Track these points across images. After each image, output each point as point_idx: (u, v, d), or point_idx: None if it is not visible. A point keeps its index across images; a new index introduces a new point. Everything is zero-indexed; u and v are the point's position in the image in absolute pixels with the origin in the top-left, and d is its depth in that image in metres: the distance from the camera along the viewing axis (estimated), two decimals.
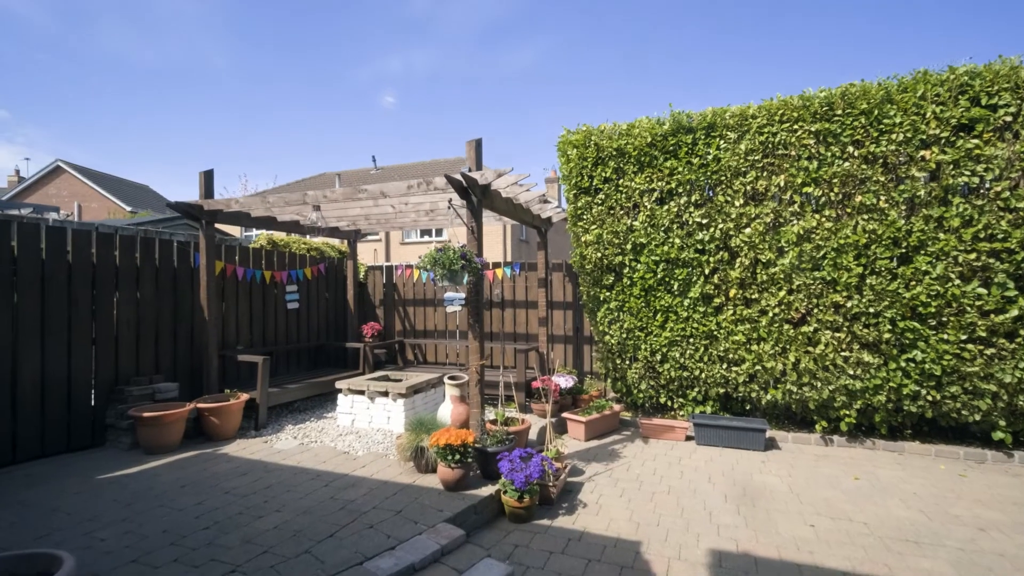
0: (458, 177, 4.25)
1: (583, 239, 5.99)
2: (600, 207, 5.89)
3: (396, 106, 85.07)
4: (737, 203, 5.29)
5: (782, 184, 5.11)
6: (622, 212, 5.81)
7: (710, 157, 5.39)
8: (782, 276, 5.15)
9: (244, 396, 5.53)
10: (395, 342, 8.01)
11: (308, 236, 8.92)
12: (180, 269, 5.85)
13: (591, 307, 6.21)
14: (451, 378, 4.58)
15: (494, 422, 4.73)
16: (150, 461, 4.55)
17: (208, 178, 5.71)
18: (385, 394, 5.53)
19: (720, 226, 5.38)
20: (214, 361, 5.77)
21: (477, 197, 4.39)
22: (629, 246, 5.74)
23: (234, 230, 21.33)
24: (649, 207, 5.66)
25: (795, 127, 5.04)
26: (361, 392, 5.65)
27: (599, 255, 5.89)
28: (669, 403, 5.99)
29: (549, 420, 4.53)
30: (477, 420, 4.38)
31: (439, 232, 21.16)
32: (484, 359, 4.53)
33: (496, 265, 7.68)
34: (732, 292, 5.38)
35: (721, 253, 5.42)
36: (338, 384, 5.75)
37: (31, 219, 5.73)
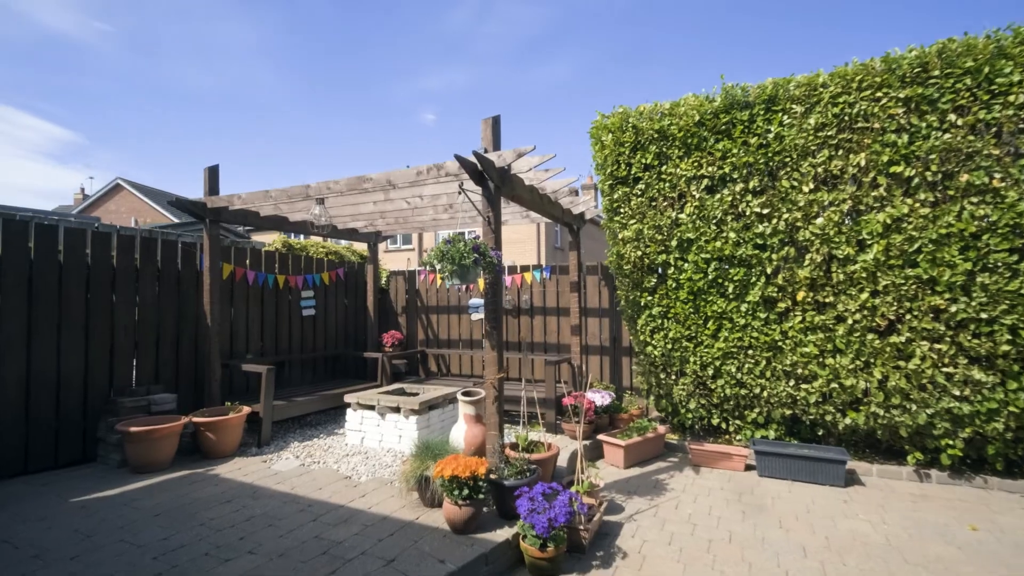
0: (471, 158, 3.64)
1: (620, 236, 5.26)
2: (640, 199, 5.15)
3: (436, 123, 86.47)
4: (805, 188, 4.45)
5: (863, 164, 4.24)
6: (665, 204, 5.06)
7: (771, 136, 4.58)
8: (864, 275, 4.26)
9: (246, 409, 5.06)
10: (417, 352, 7.45)
11: (327, 239, 8.52)
12: (185, 272, 5.48)
13: (630, 314, 5.45)
14: (465, 394, 3.94)
15: (515, 446, 4.04)
16: (134, 481, 4.10)
17: (213, 174, 5.34)
18: (397, 410, 4.93)
19: (785, 216, 4.54)
20: (217, 371, 5.34)
21: (494, 182, 3.76)
22: (674, 242, 4.97)
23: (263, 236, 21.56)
24: (698, 197, 4.88)
25: (878, 95, 4.18)
26: (371, 407, 5.08)
27: (639, 254, 5.14)
28: (723, 425, 5.13)
29: (581, 444, 3.81)
30: (495, 444, 3.71)
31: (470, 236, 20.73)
32: (503, 372, 3.87)
33: (525, 268, 7.04)
34: (800, 295, 4.52)
35: (786, 249, 4.57)
36: (347, 398, 5.20)
37: (23, 215, 5.52)
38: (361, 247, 8.76)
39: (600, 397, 5.14)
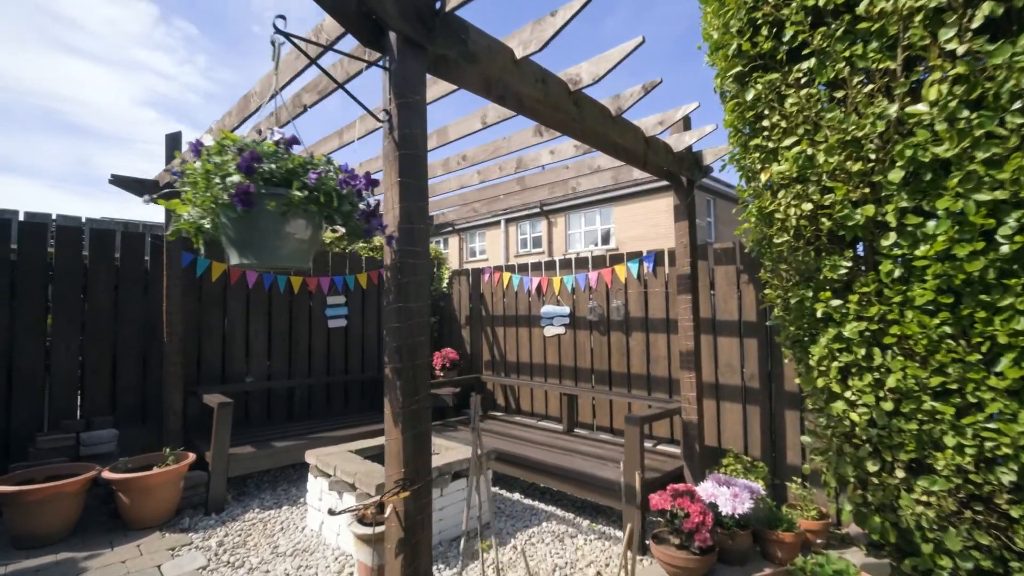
0: None
1: (764, 175, 2.59)
2: (804, 90, 2.43)
3: None
4: None
5: None
6: (869, 88, 2.26)
7: None
8: None
9: (187, 459, 3.64)
10: (472, 379, 5.48)
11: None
12: (155, 273, 4.34)
13: (795, 333, 2.68)
14: (360, 521, 1.84)
15: None
16: None
17: (173, 144, 4.09)
18: (353, 489, 3.01)
19: None
20: (176, 401, 4.07)
21: (406, 23, 1.61)
22: (896, 175, 2.16)
23: None
24: (963, 52, 2.02)
25: None
26: (328, 475, 3.24)
27: (806, 210, 2.42)
28: None
29: None
30: None
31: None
32: (424, 479, 1.85)
33: (616, 260, 4.60)
34: None
35: None
36: (307, 455, 3.45)
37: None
38: (438, 243, 7.16)
39: (732, 500, 2.57)
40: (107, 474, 3.36)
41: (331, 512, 1.74)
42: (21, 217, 5.58)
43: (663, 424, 4.21)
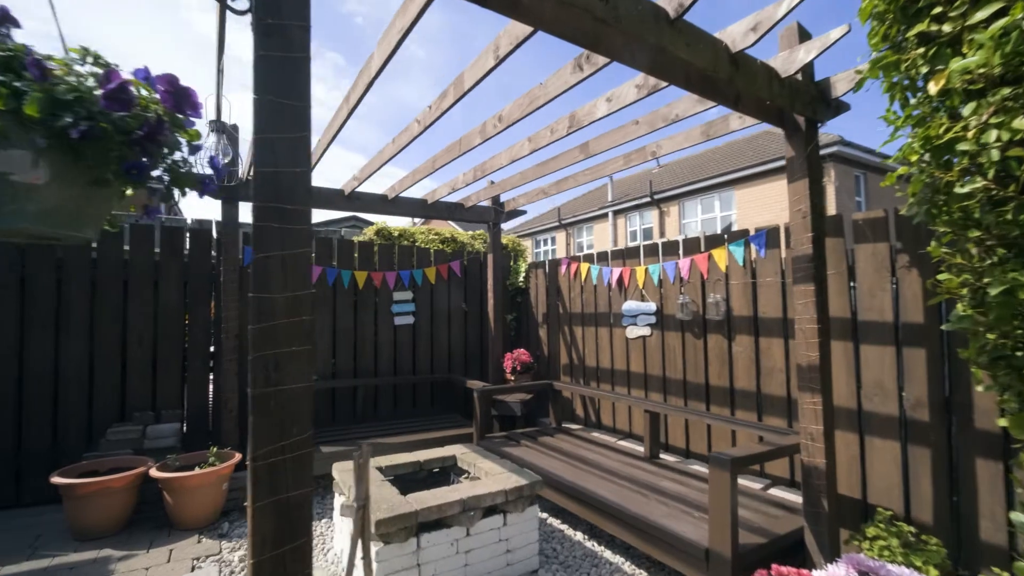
0: None
1: (934, 83, 1.56)
2: None
3: None
4: None
5: None
6: None
7: None
8: None
9: (229, 462, 3.51)
10: (543, 386, 4.79)
11: (427, 221, 6.47)
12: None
13: (995, 341, 1.60)
14: None
15: None
16: (41, 557, 2.91)
17: None
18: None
19: None
20: (231, 397, 4.00)
21: None
22: None
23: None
24: None
25: None
26: (344, 495, 2.83)
27: (1018, 130, 1.37)
28: None
29: None
30: None
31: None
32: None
33: (714, 242, 3.61)
34: None
35: None
36: (334, 470, 3.07)
37: None
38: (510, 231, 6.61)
39: None
40: (154, 472, 3.31)
41: None
42: None
43: (782, 460, 3.15)
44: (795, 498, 2.90)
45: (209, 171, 1.29)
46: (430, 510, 2.41)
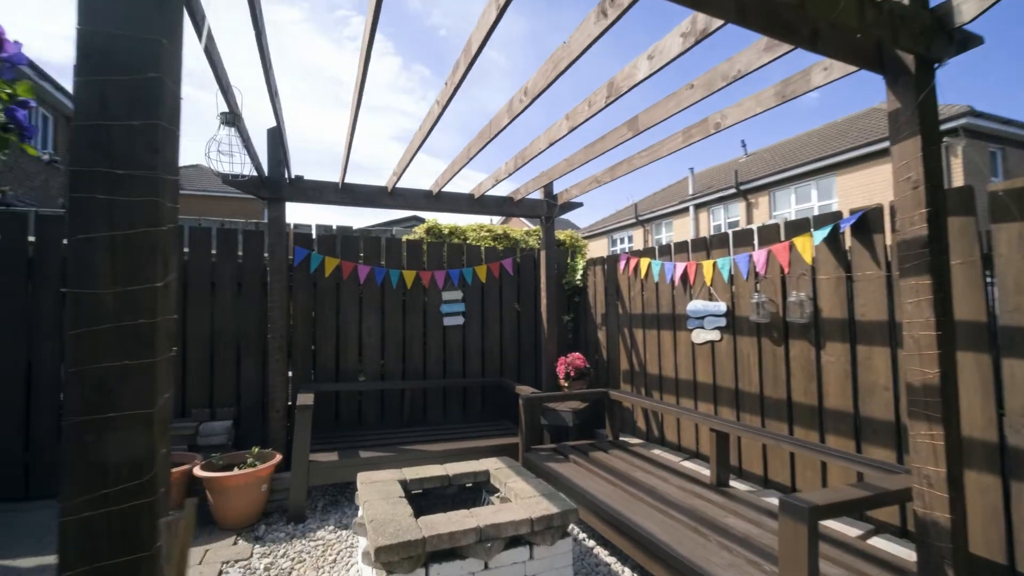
0: None
1: None
2: None
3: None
4: None
5: None
6: None
7: None
8: None
9: (272, 460, 3.48)
10: (599, 395, 4.34)
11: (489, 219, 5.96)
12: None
13: None
14: None
15: None
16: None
17: (275, 138, 4.05)
18: (365, 536, 2.30)
19: None
20: (280, 397, 4.00)
21: None
22: None
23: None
24: None
25: None
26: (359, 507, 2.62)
27: None
28: None
29: None
30: None
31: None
32: None
33: (797, 229, 3.00)
34: None
35: None
36: (359, 480, 2.89)
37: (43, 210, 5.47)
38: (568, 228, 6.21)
39: None
40: (197, 470, 3.35)
41: None
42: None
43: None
44: (907, 553, 2.26)
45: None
46: (440, 538, 2.12)
